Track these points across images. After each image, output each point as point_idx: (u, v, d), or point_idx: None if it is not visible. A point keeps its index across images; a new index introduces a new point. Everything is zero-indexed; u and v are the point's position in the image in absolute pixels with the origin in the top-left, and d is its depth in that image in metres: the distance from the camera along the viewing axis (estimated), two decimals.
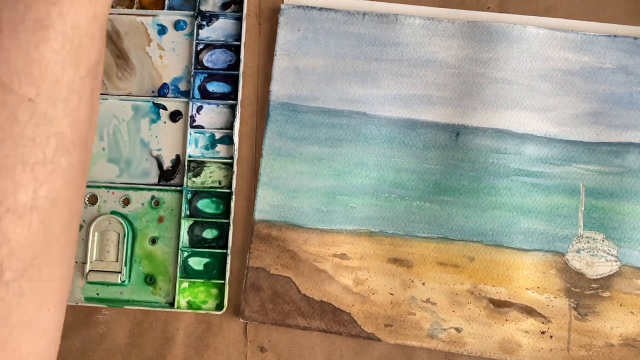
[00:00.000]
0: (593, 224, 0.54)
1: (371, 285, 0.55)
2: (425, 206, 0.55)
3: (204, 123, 0.58)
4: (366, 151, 0.56)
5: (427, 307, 0.54)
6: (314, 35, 0.57)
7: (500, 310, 0.54)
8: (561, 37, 0.55)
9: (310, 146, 0.56)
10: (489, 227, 0.54)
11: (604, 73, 0.55)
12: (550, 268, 0.54)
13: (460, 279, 0.54)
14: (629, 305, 0.53)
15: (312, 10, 0.57)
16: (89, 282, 0.57)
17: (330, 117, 0.56)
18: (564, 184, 0.54)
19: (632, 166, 0.54)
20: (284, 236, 0.55)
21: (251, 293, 0.55)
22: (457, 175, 0.55)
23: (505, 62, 0.55)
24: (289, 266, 0.55)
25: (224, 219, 0.57)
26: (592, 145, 0.54)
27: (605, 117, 0.55)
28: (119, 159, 0.58)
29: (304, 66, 0.56)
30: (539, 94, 0.55)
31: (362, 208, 0.55)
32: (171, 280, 0.57)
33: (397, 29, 0.56)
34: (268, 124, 0.56)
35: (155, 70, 0.59)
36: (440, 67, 0.56)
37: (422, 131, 0.55)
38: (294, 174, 0.56)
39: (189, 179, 0.57)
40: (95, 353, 0.57)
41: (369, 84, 0.56)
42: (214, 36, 0.58)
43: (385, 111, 0.56)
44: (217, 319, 0.57)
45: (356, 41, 0.56)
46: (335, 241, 0.55)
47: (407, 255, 0.55)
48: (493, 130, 0.55)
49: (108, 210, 0.58)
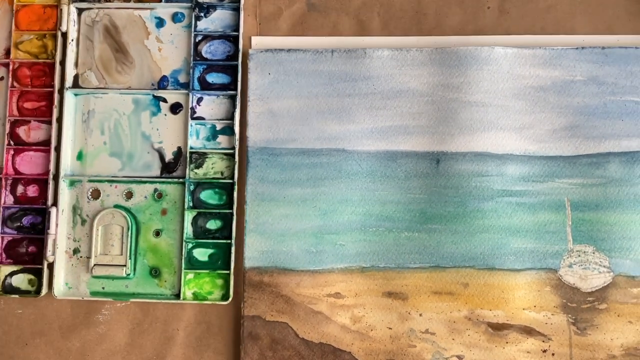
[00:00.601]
0: (582, 237, 0.54)
1: (369, 321, 0.54)
2: (414, 236, 0.55)
3: (205, 114, 0.58)
4: (349, 187, 0.55)
5: (427, 337, 0.54)
6: (285, 77, 0.57)
7: (499, 333, 0.53)
8: (529, 54, 0.55)
9: (293, 188, 0.56)
10: (480, 251, 0.54)
11: (575, 86, 0.55)
12: (544, 285, 0.54)
13: (456, 306, 0.54)
14: (626, 315, 0.53)
15: (281, 53, 0.57)
16: (94, 277, 0.57)
17: (310, 157, 0.56)
18: (548, 200, 0.54)
19: (613, 176, 0.54)
20: (276, 281, 0.55)
21: (249, 342, 0.55)
22: (442, 202, 0.55)
23: (477, 85, 0.55)
24: (284, 311, 0.55)
25: (227, 209, 0.57)
26: (572, 159, 0.55)
27: (581, 129, 0.55)
28: (120, 153, 0.58)
29: (278, 109, 0.56)
30: (514, 113, 0.55)
31: (351, 245, 0.55)
32: (176, 272, 0.57)
33: (366, 62, 0.56)
34: (249, 170, 0.56)
35: (155, 63, 0.59)
36: (414, 96, 0.56)
37: (403, 161, 0.55)
38: (279, 218, 0.56)
39: (191, 171, 0.58)
40: (95, 353, 0.57)
41: (344, 120, 0.56)
42: (212, 27, 0.59)
43: (363, 145, 0.56)
44: (217, 319, 0.57)
45: (327, 79, 0.56)
46: (328, 281, 0.55)
47: (401, 287, 0.54)
48: (472, 154, 0.55)
49: (111, 204, 0.58)
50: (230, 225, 0.57)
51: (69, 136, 0.59)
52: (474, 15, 0.58)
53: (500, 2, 0.58)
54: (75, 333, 0.57)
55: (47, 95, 0.59)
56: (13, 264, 0.58)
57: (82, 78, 0.59)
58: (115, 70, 0.59)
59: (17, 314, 0.58)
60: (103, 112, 0.59)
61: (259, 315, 0.55)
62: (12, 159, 0.59)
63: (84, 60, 0.60)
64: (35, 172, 0.59)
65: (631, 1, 0.57)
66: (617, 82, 0.55)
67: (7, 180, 0.59)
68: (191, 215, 0.57)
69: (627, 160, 0.54)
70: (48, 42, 0.59)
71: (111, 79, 0.59)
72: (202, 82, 0.58)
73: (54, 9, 0.60)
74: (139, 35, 0.59)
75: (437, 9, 0.59)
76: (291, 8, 0.59)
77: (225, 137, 0.58)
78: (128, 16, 0.59)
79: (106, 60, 0.59)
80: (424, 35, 0.58)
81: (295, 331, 0.55)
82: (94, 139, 0.59)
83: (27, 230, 0.58)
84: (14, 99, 0.59)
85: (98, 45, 0.60)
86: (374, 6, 0.59)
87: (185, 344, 0.57)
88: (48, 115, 0.59)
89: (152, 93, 0.58)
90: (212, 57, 0.58)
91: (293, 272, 0.55)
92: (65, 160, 0.58)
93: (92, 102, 0.59)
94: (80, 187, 0.58)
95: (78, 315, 0.57)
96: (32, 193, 0.59)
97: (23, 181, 0.59)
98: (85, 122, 0.59)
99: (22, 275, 0.58)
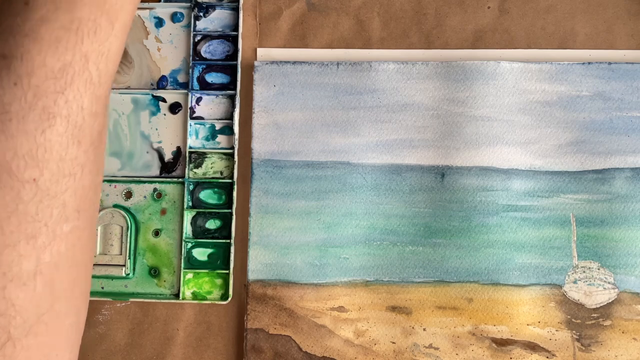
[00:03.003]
0: (587, 253, 0.54)
1: (372, 335, 0.54)
2: (418, 250, 0.55)
3: (204, 114, 0.58)
4: (354, 200, 0.55)
5: (431, 352, 0.54)
6: (290, 90, 0.56)
7: (503, 349, 0.53)
8: (536, 69, 0.55)
9: (297, 201, 0.56)
10: (484, 266, 0.54)
11: (581, 101, 0.55)
12: (549, 301, 0.54)
13: (460, 321, 0.54)
14: (631, 332, 0.53)
15: (286, 65, 0.57)
16: (93, 276, 0.57)
17: (314, 169, 0.56)
18: (554, 215, 0.54)
19: (619, 192, 0.54)
20: (279, 294, 0.55)
21: (252, 355, 0.54)
22: (447, 217, 0.55)
23: (483, 100, 0.55)
24: (287, 324, 0.55)
25: (226, 209, 0.57)
26: (578, 174, 0.55)
27: (587, 144, 0.55)
28: (120, 153, 0.58)
29: (283, 121, 0.56)
30: (519, 128, 0.55)
31: (355, 258, 0.55)
32: (175, 272, 0.57)
33: (372, 75, 0.56)
34: (253, 181, 0.56)
35: (154, 63, 0.59)
36: (419, 109, 0.56)
37: (408, 175, 0.55)
38: (283, 231, 0.56)
39: (191, 170, 0.57)
40: (95, 353, 0.57)
41: (349, 133, 0.56)
42: (211, 27, 0.59)
43: (368, 159, 0.56)
44: (217, 320, 0.56)
45: (332, 91, 0.56)
46: (332, 294, 0.55)
47: (405, 302, 0.54)
48: (478, 168, 0.55)
49: (110, 204, 0.58)
50: (230, 225, 0.56)
51: None
52: (474, 15, 0.58)
53: (501, 2, 0.58)
54: None
55: None
56: None
57: None
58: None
59: None
60: None
61: (262, 328, 0.55)
62: None
63: None
64: None
65: (631, 1, 0.57)
66: (624, 97, 0.55)
67: None
68: (190, 215, 0.57)
69: (633, 176, 0.54)
70: None
71: None
72: (201, 81, 0.58)
73: None
74: (138, 35, 0.59)
75: (437, 8, 0.58)
76: (291, 8, 0.59)
77: (224, 137, 0.58)
78: None
79: None
80: (426, 39, 0.57)
81: (299, 344, 0.54)
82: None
83: None
84: None
85: None
86: (374, 6, 0.59)
87: (185, 343, 0.56)
88: None
89: (151, 93, 0.58)
90: (211, 57, 0.58)
91: (297, 285, 0.55)
92: None
93: None
94: None
95: None
96: None
97: None
98: None
99: None
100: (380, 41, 0.58)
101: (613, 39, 0.57)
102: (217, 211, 0.57)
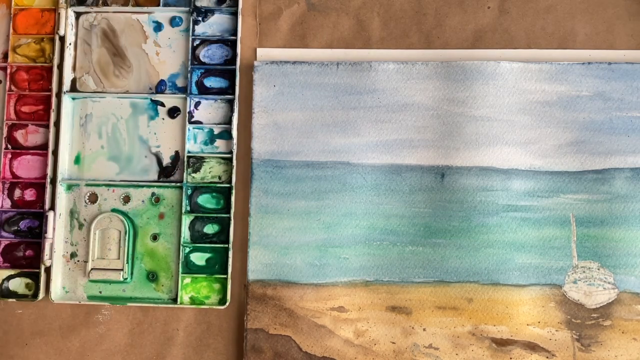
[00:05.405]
0: (587, 253, 0.54)
1: (372, 335, 0.54)
2: (418, 250, 0.55)
3: (202, 118, 0.58)
4: (354, 200, 0.55)
5: (430, 352, 0.54)
6: (290, 90, 0.56)
7: (503, 349, 0.54)
8: (536, 69, 0.55)
9: (297, 201, 0.56)
10: (484, 266, 0.54)
11: (581, 101, 0.55)
12: (548, 301, 0.54)
13: (460, 321, 0.54)
14: (631, 332, 0.53)
15: (286, 65, 0.56)
16: (91, 281, 0.57)
17: (314, 169, 0.56)
18: (553, 215, 0.54)
19: (619, 192, 0.54)
20: (279, 294, 0.55)
21: (252, 355, 0.54)
22: (447, 217, 0.55)
23: (483, 100, 0.55)
24: (287, 324, 0.55)
25: (224, 213, 0.57)
26: (578, 174, 0.55)
27: (587, 144, 0.55)
28: (118, 157, 0.58)
29: (283, 121, 0.56)
30: (519, 128, 0.55)
31: (355, 258, 0.55)
32: (173, 277, 0.57)
33: (372, 76, 0.56)
34: (253, 182, 0.56)
35: (152, 67, 0.59)
36: (419, 109, 0.55)
37: (408, 175, 0.55)
38: (283, 231, 0.55)
39: (189, 175, 0.57)
40: (95, 353, 0.57)
41: (349, 133, 0.56)
42: (210, 31, 0.58)
43: (368, 159, 0.55)
44: (217, 320, 0.56)
45: (332, 91, 0.56)
46: (332, 294, 0.55)
47: (405, 302, 0.54)
48: (478, 168, 0.54)
49: (109, 208, 0.58)
50: (228, 230, 0.56)
51: (67, 140, 0.58)
52: (474, 15, 0.58)
53: (500, 2, 0.58)
54: (75, 333, 0.57)
55: (45, 99, 0.58)
56: (10, 268, 0.57)
57: (80, 82, 0.59)
58: (113, 74, 0.59)
59: (17, 314, 0.58)
60: (101, 116, 0.58)
61: (262, 328, 0.55)
62: (9, 163, 0.58)
63: (82, 64, 0.59)
64: (32, 175, 0.58)
65: (631, 1, 0.57)
66: (623, 97, 0.55)
67: (5, 184, 0.58)
68: (188, 219, 0.57)
69: (632, 177, 0.54)
70: (46, 45, 0.59)
71: (109, 83, 0.59)
72: (199, 86, 0.58)
73: (52, 13, 0.59)
74: (137, 39, 0.59)
75: (437, 8, 0.58)
76: (291, 8, 0.59)
77: (222, 142, 0.58)
78: (126, 20, 0.59)
79: (104, 64, 0.59)
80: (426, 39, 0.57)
81: (299, 345, 0.54)
82: (92, 143, 0.58)
83: (25, 234, 0.58)
84: (11, 102, 0.59)
85: (96, 49, 0.59)
86: (374, 6, 0.58)
87: (185, 344, 0.57)
88: (46, 119, 0.58)
89: (150, 97, 0.58)
90: (210, 61, 0.58)
91: (297, 285, 0.55)
92: (63, 164, 0.58)
93: (89, 106, 0.59)
94: (77, 191, 0.58)
95: (78, 315, 0.57)
96: (29, 197, 0.58)
97: (20, 185, 0.58)
98: (82, 126, 0.58)
99: (19, 279, 0.57)
100: (380, 41, 0.58)
101: (613, 39, 0.57)
102: (215, 216, 0.57)
